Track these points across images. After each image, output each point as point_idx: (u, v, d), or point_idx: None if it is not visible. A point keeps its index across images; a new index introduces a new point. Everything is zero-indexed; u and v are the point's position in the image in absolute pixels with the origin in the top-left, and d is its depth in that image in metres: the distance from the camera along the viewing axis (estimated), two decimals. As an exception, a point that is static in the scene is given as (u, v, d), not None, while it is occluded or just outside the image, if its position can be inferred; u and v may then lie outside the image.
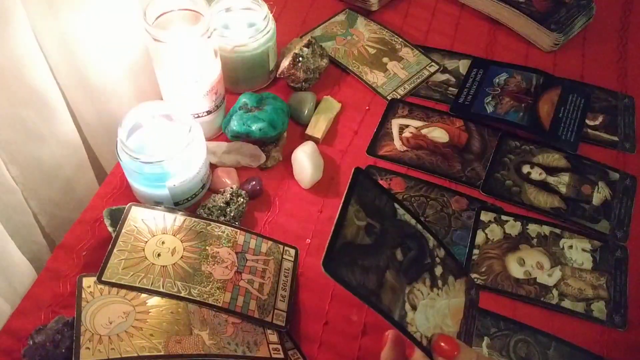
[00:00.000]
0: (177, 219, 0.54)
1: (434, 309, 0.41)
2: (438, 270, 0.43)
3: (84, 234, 0.56)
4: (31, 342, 0.47)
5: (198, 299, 0.50)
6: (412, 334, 0.39)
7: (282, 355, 0.48)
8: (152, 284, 0.49)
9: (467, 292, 0.44)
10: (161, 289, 0.49)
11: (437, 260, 0.43)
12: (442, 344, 0.39)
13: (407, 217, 0.43)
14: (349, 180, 0.42)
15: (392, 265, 0.40)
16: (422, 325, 0.40)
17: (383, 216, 0.42)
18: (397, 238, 0.42)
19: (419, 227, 0.43)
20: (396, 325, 0.39)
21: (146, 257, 0.51)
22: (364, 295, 0.38)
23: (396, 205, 0.43)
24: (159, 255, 0.51)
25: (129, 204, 0.54)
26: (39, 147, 0.58)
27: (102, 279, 0.49)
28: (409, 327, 0.39)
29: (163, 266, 0.51)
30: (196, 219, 0.54)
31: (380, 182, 0.61)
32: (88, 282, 0.49)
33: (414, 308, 0.40)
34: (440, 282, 0.42)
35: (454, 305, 0.43)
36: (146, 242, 0.52)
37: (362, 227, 0.41)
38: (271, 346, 0.49)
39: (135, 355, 0.45)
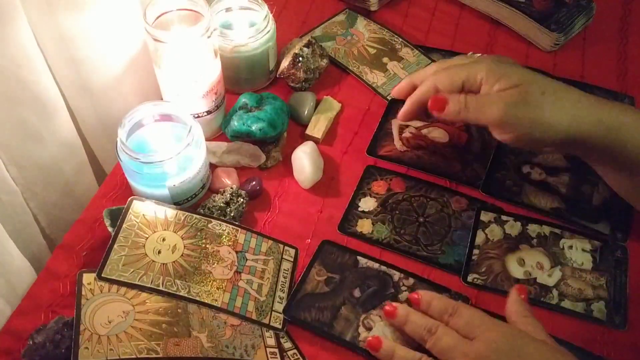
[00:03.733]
0: (179, 215, 0.54)
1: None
2: (404, 296, 0.52)
3: (83, 234, 0.56)
4: (31, 342, 0.47)
5: (197, 298, 0.50)
6: (363, 348, 0.48)
7: (278, 359, 0.48)
8: (151, 281, 0.49)
9: None
10: (160, 287, 0.49)
11: (403, 288, 0.52)
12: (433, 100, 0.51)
13: (370, 263, 0.54)
14: (315, 251, 0.54)
15: (349, 301, 0.51)
16: None
17: (344, 269, 0.53)
18: (357, 281, 0.52)
19: (383, 268, 0.53)
20: (347, 344, 0.49)
21: (146, 254, 0.51)
22: (317, 327, 0.49)
23: (359, 257, 0.54)
24: (159, 252, 0.51)
25: (131, 197, 0.54)
26: (39, 148, 0.58)
27: (102, 275, 0.49)
28: (360, 343, 0.48)
29: (163, 264, 0.51)
30: (197, 216, 0.54)
31: (381, 182, 0.61)
32: (88, 278, 0.49)
33: (369, 329, 0.49)
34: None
35: None
36: (147, 238, 0.52)
37: (322, 280, 0.52)
38: (268, 349, 0.49)
39: (134, 357, 0.45)
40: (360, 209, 0.59)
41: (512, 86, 0.49)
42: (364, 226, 0.57)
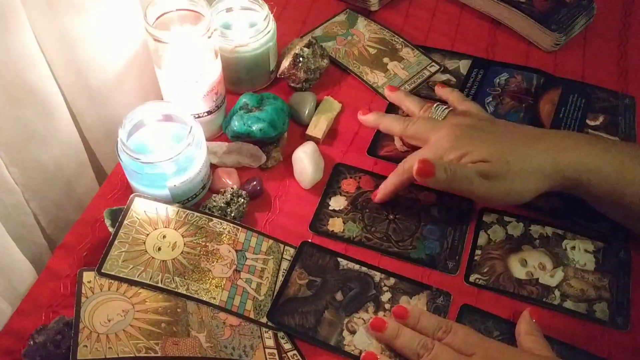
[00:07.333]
0: (180, 213, 0.54)
1: None
2: (385, 297, 0.52)
3: (84, 234, 0.56)
4: (32, 342, 0.47)
5: (195, 296, 0.50)
6: (348, 352, 0.48)
7: None
8: (150, 278, 0.49)
9: (429, 304, 0.52)
10: (159, 284, 0.49)
11: (385, 289, 0.52)
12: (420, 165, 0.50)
13: (351, 264, 0.54)
14: (295, 252, 0.54)
15: (331, 305, 0.51)
16: (363, 344, 0.49)
17: (325, 271, 0.53)
18: (338, 284, 0.52)
19: (364, 269, 0.53)
20: (332, 349, 0.49)
21: (146, 251, 0.51)
22: (301, 333, 0.49)
23: (339, 259, 0.54)
24: (159, 249, 0.51)
25: (132, 194, 0.54)
26: (39, 148, 0.58)
27: (102, 270, 0.49)
28: (346, 347, 0.49)
29: (163, 261, 0.51)
30: (198, 214, 0.54)
31: (350, 180, 0.61)
32: (88, 276, 0.49)
33: (352, 333, 0.49)
34: (387, 306, 0.51)
35: None
36: (147, 235, 0.52)
37: (304, 284, 0.52)
38: (267, 350, 0.49)
39: (132, 355, 0.45)
40: (330, 208, 0.58)
41: (481, 160, 0.51)
42: (335, 225, 0.57)
